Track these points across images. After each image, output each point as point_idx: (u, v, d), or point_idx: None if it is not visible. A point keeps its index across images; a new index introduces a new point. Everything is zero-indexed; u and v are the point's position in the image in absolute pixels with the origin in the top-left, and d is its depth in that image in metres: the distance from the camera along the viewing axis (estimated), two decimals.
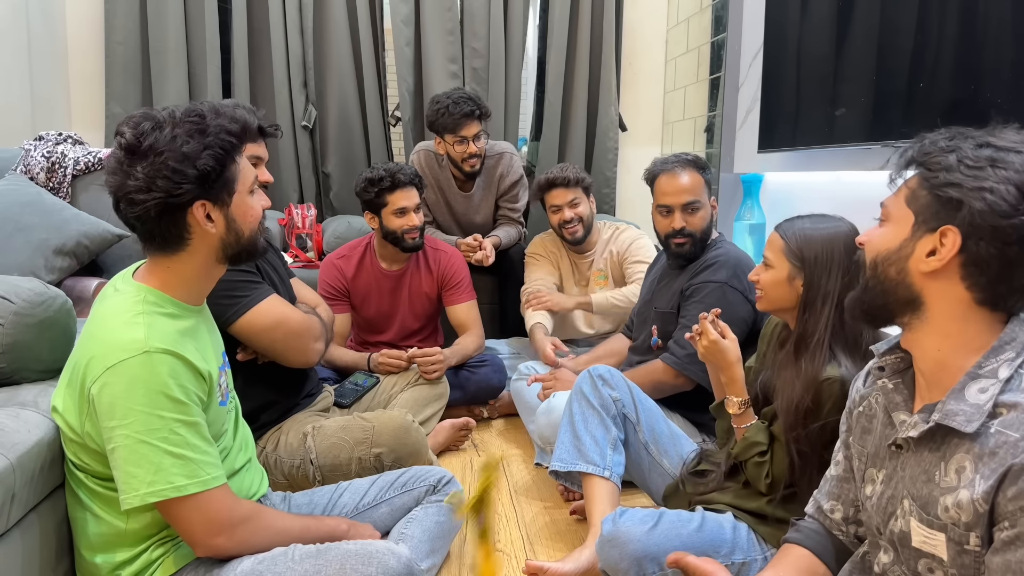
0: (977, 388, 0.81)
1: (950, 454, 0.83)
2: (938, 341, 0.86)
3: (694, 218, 1.93)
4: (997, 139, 0.82)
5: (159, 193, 1.09)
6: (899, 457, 0.91)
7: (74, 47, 3.22)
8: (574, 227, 2.49)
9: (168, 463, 1.07)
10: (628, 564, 1.28)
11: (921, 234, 0.85)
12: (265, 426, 1.79)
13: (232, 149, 1.15)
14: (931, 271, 0.84)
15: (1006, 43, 1.61)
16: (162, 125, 1.10)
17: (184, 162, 1.09)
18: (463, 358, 2.42)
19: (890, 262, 0.88)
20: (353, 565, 1.14)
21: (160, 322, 1.12)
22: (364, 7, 3.24)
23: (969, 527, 0.80)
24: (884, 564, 0.94)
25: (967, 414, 0.81)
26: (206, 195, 1.13)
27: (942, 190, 0.83)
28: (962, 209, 0.81)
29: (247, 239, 1.22)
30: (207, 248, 1.18)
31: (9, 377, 1.38)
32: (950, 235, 0.82)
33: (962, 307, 0.84)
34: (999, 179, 0.79)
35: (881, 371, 0.97)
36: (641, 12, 3.61)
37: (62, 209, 2.35)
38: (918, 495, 0.86)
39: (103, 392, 1.07)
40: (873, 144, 2.06)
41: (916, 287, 0.86)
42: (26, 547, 1.15)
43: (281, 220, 3.06)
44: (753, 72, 2.85)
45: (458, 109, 2.61)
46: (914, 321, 0.88)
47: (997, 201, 0.78)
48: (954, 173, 0.82)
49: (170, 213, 1.11)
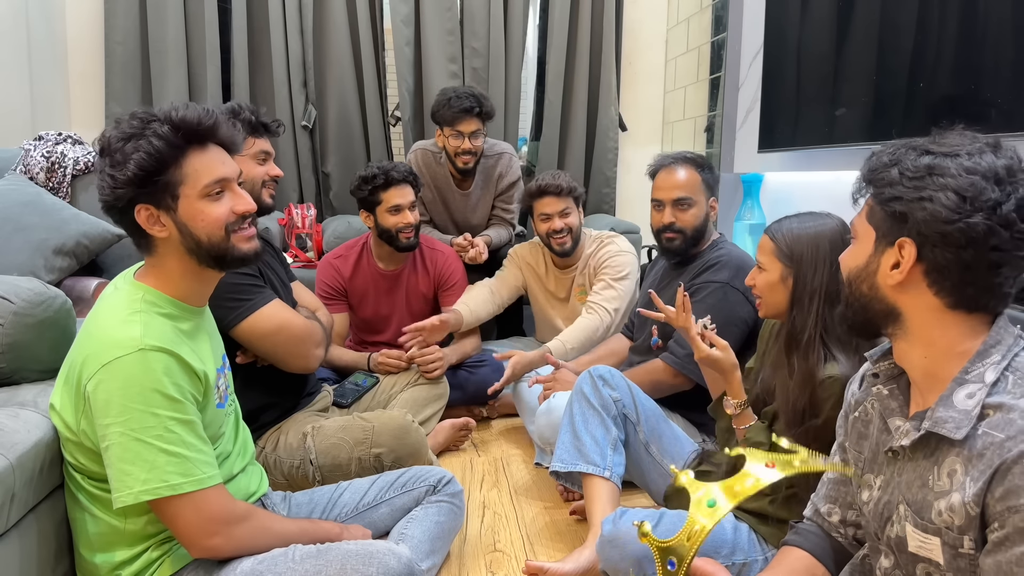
0: (965, 394, 0.82)
1: (942, 458, 0.84)
2: (923, 349, 0.88)
3: (685, 215, 1.94)
4: (937, 145, 0.84)
5: (104, 195, 1.12)
6: (896, 463, 0.92)
7: (74, 47, 3.22)
8: (563, 238, 2.39)
9: (163, 461, 1.07)
10: (628, 564, 1.28)
11: (883, 248, 0.88)
12: (264, 426, 1.79)
13: (169, 152, 1.11)
14: (897, 283, 0.86)
15: (1006, 43, 1.61)
16: (117, 127, 1.13)
17: (118, 166, 1.10)
18: (463, 356, 2.43)
19: (861, 279, 0.91)
20: (353, 565, 1.14)
21: (156, 321, 1.12)
22: (364, 7, 3.24)
23: (963, 530, 0.80)
24: (885, 569, 0.95)
25: (956, 420, 0.81)
26: (145, 199, 1.12)
27: (888, 205, 0.85)
28: (908, 220, 0.83)
29: (209, 244, 1.16)
30: (173, 250, 1.16)
31: (9, 377, 1.39)
32: (906, 246, 0.84)
33: (937, 314, 0.85)
34: (938, 186, 0.81)
35: (876, 377, 0.98)
36: (641, 12, 3.61)
37: (62, 209, 2.35)
38: (913, 500, 0.86)
39: (98, 389, 1.07)
40: (873, 144, 2.05)
41: (889, 300, 0.88)
42: (26, 547, 1.15)
43: (281, 220, 3.06)
44: (753, 72, 2.85)
45: (458, 103, 2.61)
46: (898, 331, 0.90)
47: (938, 209, 0.80)
48: (896, 187, 0.84)
49: (117, 215, 1.14)
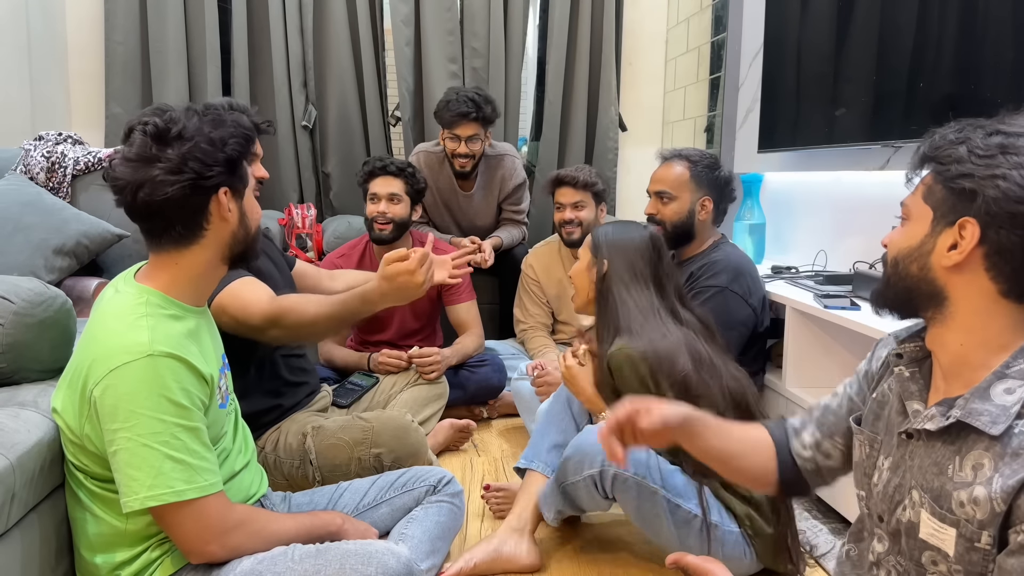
0: (1003, 388, 0.80)
1: (967, 450, 0.82)
2: (961, 336, 0.85)
3: (665, 208, 2.04)
4: (1007, 126, 0.82)
5: (190, 174, 1.11)
6: (908, 446, 0.90)
7: (74, 47, 3.22)
8: (571, 228, 2.47)
9: (168, 467, 1.07)
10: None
11: (941, 229, 0.85)
12: (263, 427, 1.78)
13: (247, 143, 1.20)
14: (953, 265, 0.83)
15: (1006, 42, 1.61)
16: (187, 115, 1.15)
17: (214, 146, 1.13)
18: (463, 357, 2.42)
19: (912, 259, 0.88)
20: (353, 565, 1.14)
21: (164, 324, 1.12)
22: (364, 7, 3.24)
23: (983, 525, 0.79)
24: (879, 553, 0.94)
25: (992, 415, 0.79)
26: (229, 182, 1.17)
27: (955, 182, 0.82)
28: (977, 199, 0.80)
29: (252, 236, 1.25)
30: (218, 242, 1.19)
31: (9, 377, 1.38)
32: (969, 227, 0.81)
33: (987, 300, 0.83)
34: (1011, 165, 0.78)
35: (899, 358, 0.96)
36: (641, 12, 3.61)
37: (62, 209, 2.35)
38: (929, 487, 0.85)
39: (106, 395, 1.07)
40: (873, 144, 2.06)
41: (939, 282, 0.86)
42: (26, 547, 1.15)
43: (281, 220, 3.06)
44: (753, 72, 2.85)
45: (455, 107, 2.61)
46: (937, 316, 0.87)
47: (1011, 187, 0.77)
48: (965, 164, 0.81)
49: (197, 196, 1.13)
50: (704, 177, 2.01)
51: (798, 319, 1.95)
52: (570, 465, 1.50)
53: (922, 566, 0.87)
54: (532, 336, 2.60)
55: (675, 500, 1.42)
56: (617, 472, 1.42)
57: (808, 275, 2.26)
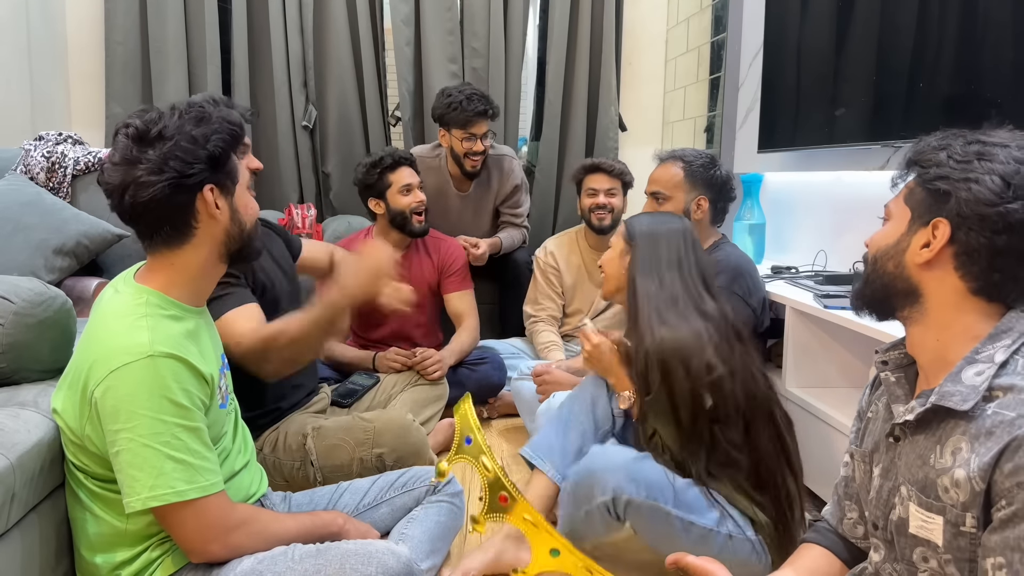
0: (973, 371, 0.84)
1: (945, 436, 0.85)
2: (936, 332, 0.90)
3: (661, 208, 2.07)
4: (987, 136, 0.87)
5: (171, 173, 1.10)
6: (896, 449, 0.93)
7: (74, 47, 3.22)
8: (603, 214, 2.51)
9: (169, 468, 1.07)
10: (613, 473, 1.39)
11: (916, 228, 0.90)
12: (262, 428, 1.78)
13: (234, 139, 1.18)
14: (924, 262, 0.89)
15: (1006, 43, 1.61)
16: (169, 114, 1.13)
17: (195, 144, 1.12)
18: (461, 355, 2.43)
19: (888, 256, 0.94)
20: (353, 565, 1.14)
21: (164, 325, 1.12)
22: (364, 7, 3.24)
23: (966, 507, 0.81)
24: (876, 563, 0.95)
25: (962, 394, 0.83)
26: (215, 179, 1.15)
27: (932, 184, 0.88)
28: (950, 200, 0.85)
29: (247, 233, 1.24)
30: (211, 240, 1.18)
31: (9, 377, 1.38)
32: (941, 226, 0.87)
33: (957, 296, 0.88)
34: (984, 170, 0.84)
35: (885, 365, 1.00)
36: (641, 12, 3.61)
37: (62, 209, 2.35)
38: (915, 479, 0.88)
39: (107, 396, 1.07)
40: (873, 144, 2.06)
41: (913, 279, 0.91)
42: (26, 547, 1.15)
43: (281, 220, 3.05)
44: (753, 72, 2.85)
45: (472, 106, 2.60)
46: (914, 313, 0.92)
47: (982, 190, 0.83)
48: (943, 167, 0.87)
49: (181, 194, 1.12)
50: (700, 177, 2.01)
51: (798, 319, 1.95)
52: (580, 492, 1.44)
53: (914, 564, 0.89)
54: (541, 330, 2.60)
55: (688, 518, 1.38)
56: (630, 498, 1.38)
57: (808, 275, 2.26)
